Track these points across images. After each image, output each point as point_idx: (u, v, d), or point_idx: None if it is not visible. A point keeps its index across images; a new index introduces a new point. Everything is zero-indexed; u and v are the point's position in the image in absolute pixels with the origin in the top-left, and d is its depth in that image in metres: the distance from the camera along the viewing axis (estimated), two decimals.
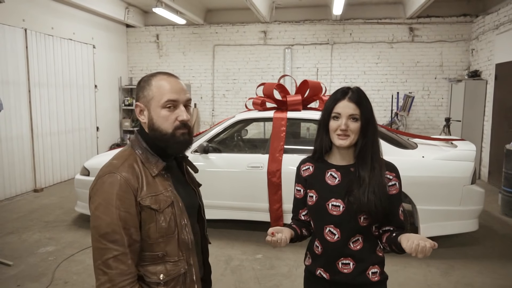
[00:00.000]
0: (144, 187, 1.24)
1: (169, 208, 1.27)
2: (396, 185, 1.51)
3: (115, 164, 1.26)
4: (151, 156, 1.30)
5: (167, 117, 1.27)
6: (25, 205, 5.60)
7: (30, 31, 6.20)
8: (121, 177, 1.21)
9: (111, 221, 1.18)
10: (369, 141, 1.49)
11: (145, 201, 1.23)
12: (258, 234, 4.47)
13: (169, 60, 9.33)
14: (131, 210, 1.21)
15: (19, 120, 6.08)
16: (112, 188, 1.20)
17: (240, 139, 5.23)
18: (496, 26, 6.74)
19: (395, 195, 1.51)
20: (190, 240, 1.32)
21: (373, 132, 1.50)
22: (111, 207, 1.18)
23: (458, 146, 4.12)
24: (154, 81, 1.29)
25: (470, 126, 7.31)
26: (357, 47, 8.41)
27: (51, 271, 3.59)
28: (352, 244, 1.51)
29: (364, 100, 1.49)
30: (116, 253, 1.17)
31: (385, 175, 1.49)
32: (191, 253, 1.33)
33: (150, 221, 1.24)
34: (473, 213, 3.88)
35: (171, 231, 1.27)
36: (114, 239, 1.18)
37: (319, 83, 4.74)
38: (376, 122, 1.53)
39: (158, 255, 1.26)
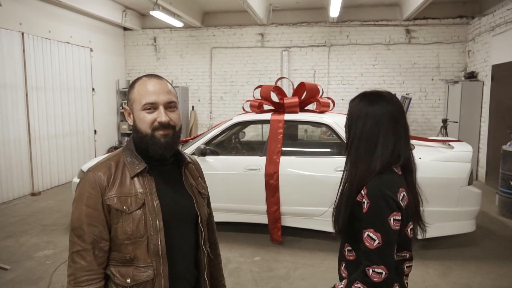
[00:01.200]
0: (115, 187, 1.26)
1: (139, 211, 1.25)
2: (364, 204, 1.33)
3: (97, 163, 1.31)
4: (135, 158, 1.31)
5: (145, 119, 1.28)
6: (22, 209, 5.59)
7: (27, 34, 6.20)
8: (93, 175, 1.26)
9: (79, 217, 1.23)
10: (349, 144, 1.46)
11: (110, 201, 1.24)
12: (256, 237, 4.47)
13: (167, 63, 9.34)
14: (98, 208, 1.23)
15: (17, 124, 6.07)
16: (85, 186, 1.25)
17: (237, 141, 5.24)
18: (492, 27, 6.77)
19: (363, 215, 1.34)
20: (161, 247, 1.27)
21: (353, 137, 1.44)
22: (80, 203, 1.24)
23: (455, 147, 4.13)
24: (136, 84, 1.32)
25: (467, 127, 7.33)
26: (354, 49, 8.43)
27: (49, 275, 3.58)
28: (347, 252, 1.48)
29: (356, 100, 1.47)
30: (79, 248, 1.22)
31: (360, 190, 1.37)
32: (163, 261, 1.27)
33: (116, 221, 1.25)
34: (470, 214, 3.89)
35: (140, 235, 1.25)
36: (79, 234, 1.22)
37: (316, 85, 4.76)
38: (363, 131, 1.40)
39: (126, 257, 1.26)
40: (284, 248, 4.19)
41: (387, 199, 1.31)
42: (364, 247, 1.32)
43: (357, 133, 1.41)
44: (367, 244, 1.31)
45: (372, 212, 1.30)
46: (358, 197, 1.36)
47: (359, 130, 1.41)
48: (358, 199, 1.35)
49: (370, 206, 1.31)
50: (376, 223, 1.30)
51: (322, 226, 4.10)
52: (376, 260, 1.28)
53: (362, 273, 1.31)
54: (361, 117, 1.41)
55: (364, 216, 1.32)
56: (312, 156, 4.32)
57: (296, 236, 4.45)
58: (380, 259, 1.29)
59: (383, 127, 1.37)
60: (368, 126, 1.39)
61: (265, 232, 4.37)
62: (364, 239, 1.31)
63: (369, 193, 1.32)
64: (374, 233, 1.30)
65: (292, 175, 4.08)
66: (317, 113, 4.56)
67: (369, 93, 1.45)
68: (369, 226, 1.31)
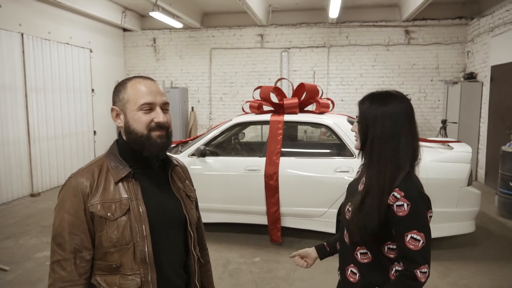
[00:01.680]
0: (98, 193, 1.21)
1: (124, 217, 1.21)
2: (403, 206, 1.29)
3: (79, 169, 1.27)
4: (118, 163, 1.27)
5: (142, 119, 1.25)
6: (22, 210, 5.58)
7: (26, 35, 6.20)
8: (75, 181, 1.22)
9: (59, 224, 1.19)
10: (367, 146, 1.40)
11: (93, 208, 1.19)
12: (255, 237, 4.47)
13: (166, 64, 9.34)
14: (80, 215, 1.19)
15: (16, 125, 6.07)
16: (66, 192, 1.21)
17: (237, 142, 5.24)
18: (491, 28, 6.79)
19: (402, 218, 1.30)
20: (148, 253, 1.23)
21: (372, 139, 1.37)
22: (61, 210, 1.19)
23: (454, 148, 4.14)
24: (129, 84, 1.28)
25: (467, 128, 7.34)
26: (354, 50, 8.45)
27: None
28: (359, 255, 1.43)
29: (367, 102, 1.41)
30: (59, 257, 1.18)
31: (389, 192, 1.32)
32: (150, 268, 1.23)
33: (100, 228, 1.20)
34: (469, 215, 3.89)
35: (125, 242, 1.21)
36: (58, 242, 1.18)
37: (316, 86, 4.76)
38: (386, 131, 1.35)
39: (112, 266, 1.22)
40: (283, 249, 4.19)
41: (424, 198, 1.33)
42: (405, 250, 1.30)
43: (377, 135, 1.36)
44: (411, 247, 1.29)
45: (413, 213, 1.29)
46: (389, 201, 1.31)
47: (378, 131, 1.36)
48: (390, 202, 1.31)
49: (411, 208, 1.29)
50: (419, 224, 1.29)
51: (322, 227, 4.10)
52: (422, 261, 1.29)
53: (410, 278, 1.29)
54: (378, 117, 1.36)
55: (404, 219, 1.29)
56: (312, 157, 4.32)
57: (296, 237, 4.45)
58: (424, 258, 1.29)
59: (402, 126, 1.36)
60: (388, 126, 1.35)
61: (265, 233, 4.37)
62: (407, 242, 1.29)
63: (407, 195, 1.30)
64: (418, 234, 1.29)
65: (292, 176, 4.08)
66: (316, 114, 4.56)
67: (380, 93, 1.42)
68: (412, 228, 1.29)
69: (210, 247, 1.56)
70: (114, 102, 1.30)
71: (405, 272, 1.31)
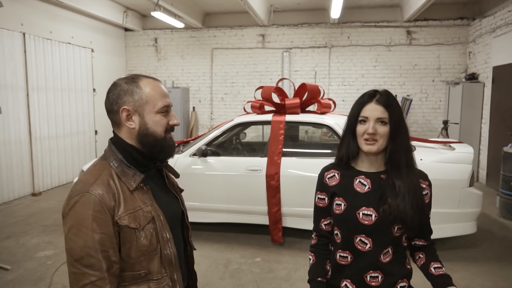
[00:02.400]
0: (122, 205, 1.15)
1: (149, 224, 1.19)
2: (428, 194, 1.45)
3: (88, 181, 1.16)
4: (127, 169, 1.21)
5: (162, 122, 1.24)
6: (23, 209, 5.59)
7: (28, 35, 6.21)
8: (95, 196, 1.12)
9: (85, 244, 1.09)
10: (401, 147, 1.40)
11: (123, 221, 1.14)
12: (257, 237, 4.47)
13: (168, 64, 9.35)
14: (108, 231, 1.12)
15: (17, 124, 6.08)
16: (85, 209, 1.11)
17: (238, 142, 5.24)
18: (493, 29, 6.78)
19: (428, 204, 1.46)
20: (173, 255, 1.25)
21: (404, 137, 1.41)
22: (85, 229, 1.09)
23: (456, 148, 4.13)
24: (142, 84, 1.23)
25: (468, 128, 7.33)
26: (355, 50, 8.44)
27: (49, 275, 3.58)
28: (382, 256, 1.42)
29: (393, 102, 1.41)
30: (94, 278, 1.09)
31: (419, 184, 1.43)
32: (175, 268, 1.26)
33: (130, 240, 1.16)
34: (471, 216, 3.88)
35: (153, 248, 1.20)
36: (89, 264, 1.09)
37: (317, 86, 4.76)
38: (407, 127, 1.44)
39: (141, 274, 1.19)
40: (285, 249, 4.19)
41: None
42: (429, 231, 1.50)
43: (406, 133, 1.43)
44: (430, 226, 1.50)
45: (431, 198, 1.48)
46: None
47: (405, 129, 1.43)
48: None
49: (431, 194, 1.47)
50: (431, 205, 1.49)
51: None
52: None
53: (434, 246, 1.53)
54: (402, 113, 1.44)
55: (429, 204, 1.46)
56: (313, 157, 4.32)
57: (297, 237, 4.45)
58: None
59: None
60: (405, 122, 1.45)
61: (266, 233, 4.37)
62: (429, 223, 1.49)
63: (430, 184, 1.47)
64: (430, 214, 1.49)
65: (293, 176, 4.08)
66: (318, 114, 4.56)
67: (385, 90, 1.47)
68: (430, 210, 1.48)
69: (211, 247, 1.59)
70: (124, 102, 1.21)
71: (431, 245, 1.52)
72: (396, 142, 1.39)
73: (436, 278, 1.44)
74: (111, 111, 1.24)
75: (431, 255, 1.50)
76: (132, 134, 1.23)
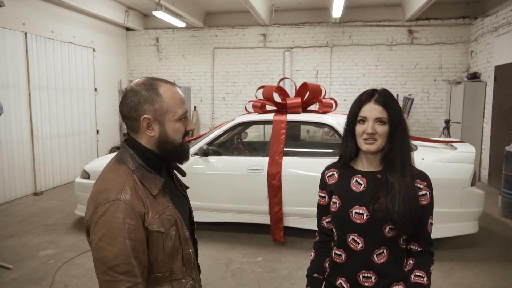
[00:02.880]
0: (150, 211, 1.18)
1: (173, 227, 1.23)
2: (427, 195, 1.41)
3: (115, 188, 1.15)
4: (148, 174, 1.22)
5: (181, 129, 1.26)
6: (25, 209, 5.60)
7: (30, 34, 6.21)
8: (125, 203, 1.13)
9: (120, 252, 1.09)
10: (398, 145, 1.39)
11: (153, 226, 1.17)
12: (258, 237, 4.47)
13: (169, 63, 9.35)
14: (140, 238, 1.14)
15: (19, 123, 6.09)
16: (117, 217, 1.11)
17: (240, 141, 5.24)
18: (495, 28, 6.76)
19: (426, 206, 1.40)
20: (192, 254, 1.31)
21: (402, 136, 1.40)
22: (118, 237, 1.10)
23: (458, 148, 4.12)
24: (162, 91, 1.22)
25: (470, 128, 7.32)
26: (357, 50, 8.43)
27: (51, 274, 3.58)
28: (376, 257, 1.41)
29: (391, 102, 1.40)
30: (129, 284, 1.10)
31: (415, 184, 1.40)
32: (194, 266, 1.32)
33: (157, 244, 1.19)
34: (473, 215, 3.88)
35: (176, 249, 1.24)
36: (125, 271, 1.10)
37: (319, 85, 4.76)
38: (407, 127, 1.43)
39: (165, 275, 1.23)
40: (286, 248, 4.19)
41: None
42: (426, 235, 1.44)
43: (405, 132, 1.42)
44: (429, 230, 1.44)
45: (432, 200, 1.43)
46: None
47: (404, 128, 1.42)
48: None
49: (431, 196, 1.42)
50: (433, 210, 1.44)
51: None
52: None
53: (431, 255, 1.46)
54: (402, 114, 1.42)
55: (427, 206, 1.41)
56: (315, 157, 4.32)
57: (298, 236, 4.45)
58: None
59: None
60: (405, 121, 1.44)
61: (268, 233, 4.37)
62: (428, 228, 1.43)
63: (429, 184, 1.43)
64: (431, 218, 1.45)
65: (295, 175, 4.08)
66: (319, 113, 4.56)
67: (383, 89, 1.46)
68: (431, 214, 1.44)
69: (213, 247, 1.62)
70: (145, 111, 1.20)
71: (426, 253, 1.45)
72: (393, 142, 1.39)
73: (408, 286, 1.41)
74: (129, 117, 1.22)
75: (420, 263, 1.42)
76: (151, 141, 1.24)
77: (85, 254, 4.03)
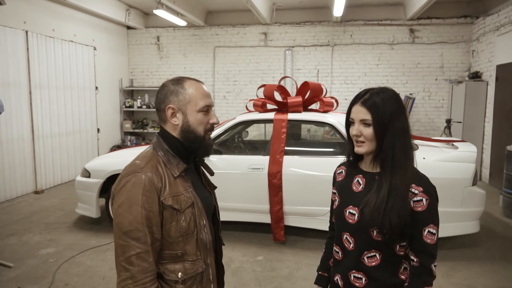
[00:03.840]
0: (167, 188, 1.29)
1: (189, 209, 1.32)
2: (422, 201, 1.30)
3: (139, 164, 1.30)
4: (172, 158, 1.35)
5: (203, 121, 1.36)
6: (25, 207, 5.60)
7: (31, 33, 6.21)
8: (146, 176, 1.26)
9: (134, 219, 1.21)
10: (388, 148, 1.34)
11: (167, 201, 1.27)
12: (259, 236, 4.46)
13: (170, 62, 9.34)
14: (154, 209, 1.25)
15: (20, 122, 6.09)
16: (136, 187, 1.24)
17: (240, 140, 5.23)
18: (497, 27, 6.73)
19: (421, 213, 1.31)
20: (208, 240, 1.38)
21: (395, 138, 1.33)
22: (135, 205, 1.22)
23: (459, 147, 4.11)
24: (187, 85, 1.35)
25: (471, 127, 7.30)
26: (358, 49, 8.41)
27: (52, 273, 3.58)
28: (366, 259, 1.39)
29: (378, 103, 1.34)
30: (139, 250, 1.21)
31: (409, 188, 1.32)
32: (209, 253, 1.39)
33: (171, 220, 1.28)
34: (474, 215, 3.87)
35: (191, 231, 1.32)
36: (136, 237, 1.21)
37: (320, 84, 4.74)
38: (404, 127, 1.35)
39: (178, 254, 1.31)
40: (287, 247, 4.19)
41: (436, 192, 1.36)
42: (422, 245, 1.32)
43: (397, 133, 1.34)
44: (428, 241, 1.32)
45: (431, 207, 1.32)
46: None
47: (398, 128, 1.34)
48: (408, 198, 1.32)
49: (429, 203, 1.31)
50: (435, 218, 1.33)
51: (325, 226, 4.06)
52: (435, 254, 1.33)
53: (428, 273, 1.33)
54: (394, 114, 1.34)
55: (423, 214, 1.31)
56: (315, 156, 4.31)
57: (299, 235, 4.44)
58: (437, 251, 1.34)
59: (407, 118, 1.39)
60: (403, 121, 1.36)
61: (268, 232, 4.37)
62: (424, 237, 1.32)
63: (426, 190, 1.32)
64: (433, 228, 1.32)
65: (295, 174, 4.07)
66: (320, 112, 4.54)
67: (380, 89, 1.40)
68: (430, 223, 1.32)
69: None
70: (170, 101, 1.34)
71: (421, 269, 1.33)
72: (383, 144, 1.34)
73: None
74: (159, 109, 1.37)
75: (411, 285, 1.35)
76: (176, 129, 1.36)
77: (85, 252, 4.03)
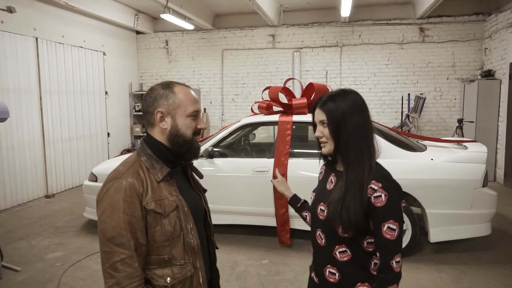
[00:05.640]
0: (149, 192, 1.28)
1: (174, 212, 1.31)
2: (381, 197, 1.32)
3: (121, 170, 1.30)
4: (155, 162, 1.35)
5: (192, 125, 1.38)
6: (36, 211, 5.68)
7: (41, 39, 6.31)
8: (126, 182, 1.26)
9: (117, 225, 1.21)
10: (342, 146, 1.39)
11: (150, 205, 1.27)
12: (264, 239, 4.42)
13: (179, 66, 9.40)
14: (137, 214, 1.24)
15: (31, 127, 6.19)
16: (117, 193, 1.24)
17: (246, 143, 5.21)
18: (510, 24, 6.57)
19: (380, 208, 1.33)
20: (196, 243, 1.36)
21: (347, 137, 1.38)
22: (117, 211, 1.22)
23: (469, 148, 4.00)
24: (176, 90, 1.37)
25: (484, 127, 7.13)
26: (367, 49, 8.31)
27: (58, 277, 3.61)
28: (338, 254, 1.44)
29: (331, 103, 1.40)
30: (123, 256, 1.21)
31: (367, 185, 1.34)
32: (197, 256, 1.37)
33: (155, 224, 1.28)
34: (485, 217, 3.75)
35: (177, 235, 1.31)
36: (120, 243, 1.21)
37: (325, 85, 4.69)
38: (357, 126, 1.38)
39: (165, 259, 1.30)
40: (293, 251, 4.14)
41: (399, 189, 1.38)
42: (381, 241, 1.33)
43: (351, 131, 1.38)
44: (388, 236, 1.32)
45: (391, 203, 1.32)
46: (367, 193, 1.34)
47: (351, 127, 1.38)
48: (368, 195, 1.34)
49: (388, 198, 1.32)
50: (395, 214, 1.33)
51: None
52: (396, 250, 1.32)
53: (388, 269, 1.32)
54: (347, 113, 1.39)
55: (381, 209, 1.32)
56: None
57: (305, 239, 4.38)
58: (398, 247, 1.33)
59: (366, 115, 1.42)
60: (358, 119, 1.39)
61: (274, 235, 4.33)
62: (384, 232, 1.33)
63: (385, 186, 1.33)
64: (393, 224, 1.33)
65: (301, 177, 4.02)
66: None
67: (335, 92, 1.45)
68: (389, 218, 1.33)
69: (218, 249, 1.64)
70: (160, 105, 1.35)
71: (381, 266, 1.34)
72: (339, 142, 1.40)
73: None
74: (147, 112, 1.38)
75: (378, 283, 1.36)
76: (164, 133, 1.37)
77: (91, 256, 4.05)
